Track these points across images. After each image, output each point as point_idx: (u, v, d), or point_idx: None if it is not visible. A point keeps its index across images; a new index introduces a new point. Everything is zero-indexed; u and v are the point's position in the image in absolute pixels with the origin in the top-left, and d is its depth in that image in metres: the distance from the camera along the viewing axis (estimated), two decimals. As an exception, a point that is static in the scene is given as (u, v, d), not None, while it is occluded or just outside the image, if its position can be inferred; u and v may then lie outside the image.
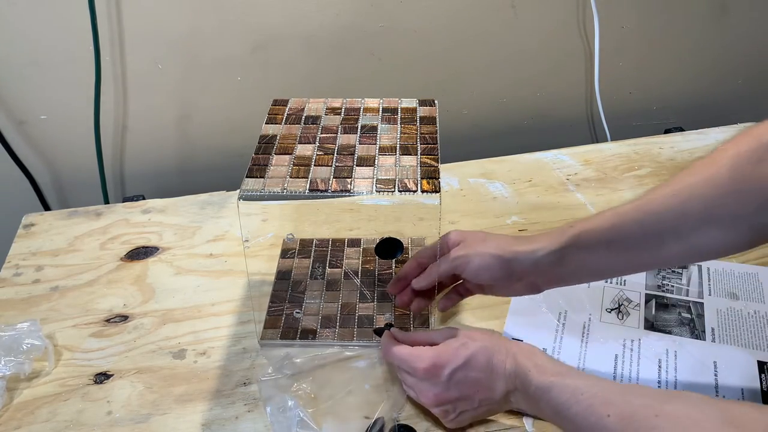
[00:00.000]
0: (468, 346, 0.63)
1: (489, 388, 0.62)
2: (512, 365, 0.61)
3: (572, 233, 0.63)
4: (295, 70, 1.06)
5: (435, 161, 0.68)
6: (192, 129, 1.09)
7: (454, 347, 0.63)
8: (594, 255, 0.63)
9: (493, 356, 0.62)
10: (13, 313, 0.80)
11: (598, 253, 0.63)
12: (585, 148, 1.08)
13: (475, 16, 1.07)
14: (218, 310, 0.81)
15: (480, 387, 0.62)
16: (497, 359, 0.62)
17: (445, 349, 0.63)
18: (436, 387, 0.63)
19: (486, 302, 0.79)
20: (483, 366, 0.62)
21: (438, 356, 0.63)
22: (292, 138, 0.72)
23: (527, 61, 1.14)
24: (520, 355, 0.61)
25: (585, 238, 0.63)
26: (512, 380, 0.61)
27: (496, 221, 0.93)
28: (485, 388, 0.62)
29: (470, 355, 0.62)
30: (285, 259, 0.86)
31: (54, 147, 1.06)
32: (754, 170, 0.56)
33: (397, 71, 1.10)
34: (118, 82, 1.02)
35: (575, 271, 0.65)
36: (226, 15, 0.99)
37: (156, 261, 0.88)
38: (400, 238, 0.86)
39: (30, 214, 0.96)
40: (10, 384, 0.71)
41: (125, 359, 0.75)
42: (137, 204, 0.98)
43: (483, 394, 0.63)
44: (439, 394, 0.63)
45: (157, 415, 0.69)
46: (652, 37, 1.17)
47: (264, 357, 0.74)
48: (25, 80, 0.99)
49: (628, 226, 0.61)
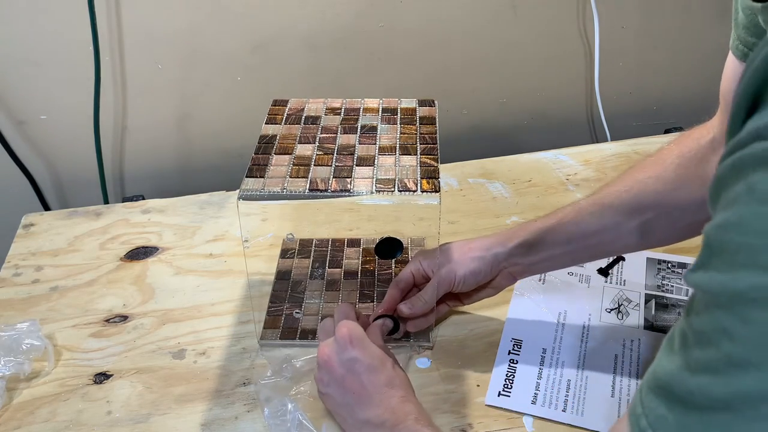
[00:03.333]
0: (385, 360, 0.62)
1: (365, 402, 0.61)
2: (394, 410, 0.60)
3: (537, 227, 0.69)
4: (295, 70, 1.06)
5: (435, 161, 0.68)
6: (192, 129, 1.09)
7: (382, 354, 0.63)
8: (559, 246, 0.69)
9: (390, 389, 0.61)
10: (13, 313, 0.80)
11: (562, 244, 0.69)
12: (585, 148, 1.08)
13: (475, 16, 1.07)
14: (218, 310, 0.81)
15: (359, 394, 0.61)
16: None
17: (378, 344, 0.64)
18: (335, 353, 0.62)
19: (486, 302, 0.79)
20: (377, 384, 0.61)
21: (362, 339, 0.62)
22: (291, 138, 0.72)
23: (527, 61, 1.14)
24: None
25: (550, 231, 0.69)
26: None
27: (496, 221, 0.93)
28: (363, 399, 0.61)
29: (381, 364, 0.62)
30: (285, 259, 0.86)
31: (54, 147, 1.06)
32: (696, 169, 0.63)
33: (397, 71, 1.10)
34: (117, 82, 1.02)
35: (544, 260, 0.70)
36: (226, 15, 0.99)
37: (156, 261, 0.88)
38: (400, 238, 0.87)
39: (30, 214, 0.96)
40: (10, 384, 0.71)
41: (125, 359, 0.75)
42: (137, 204, 0.98)
43: (356, 399, 0.61)
44: (330, 358, 0.62)
45: (156, 415, 0.69)
46: (652, 37, 1.17)
47: (264, 358, 0.74)
48: (25, 80, 0.99)
49: (587, 219, 0.67)
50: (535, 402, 0.69)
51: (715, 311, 0.32)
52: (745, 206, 0.31)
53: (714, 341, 0.32)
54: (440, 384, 0.71)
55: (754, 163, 0.30)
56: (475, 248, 0.71)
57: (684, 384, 0.34)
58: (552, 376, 0.71)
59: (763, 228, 0.30)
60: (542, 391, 0.70)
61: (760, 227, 0.30)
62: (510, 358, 0.73)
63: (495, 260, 0.70)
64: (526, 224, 0.71)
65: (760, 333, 0.30)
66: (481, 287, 0.72)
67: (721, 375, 0.32)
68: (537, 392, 0.70)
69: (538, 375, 0.71)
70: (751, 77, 0.32)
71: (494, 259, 0.70)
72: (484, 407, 0.68)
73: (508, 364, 0.73)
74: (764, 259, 0.30)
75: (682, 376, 0.35)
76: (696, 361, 0.34)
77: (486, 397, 0.69)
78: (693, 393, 0.34)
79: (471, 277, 0.70)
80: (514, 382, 0.70)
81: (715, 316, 0.32)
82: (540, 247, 0.69)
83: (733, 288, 0.31)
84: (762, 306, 0.30)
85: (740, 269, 0.31)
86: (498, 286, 0.73)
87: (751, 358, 0.31)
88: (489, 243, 0.71)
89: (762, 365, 0.30)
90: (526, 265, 0.71)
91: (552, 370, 0.72)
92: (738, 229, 0.31)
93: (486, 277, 0.71)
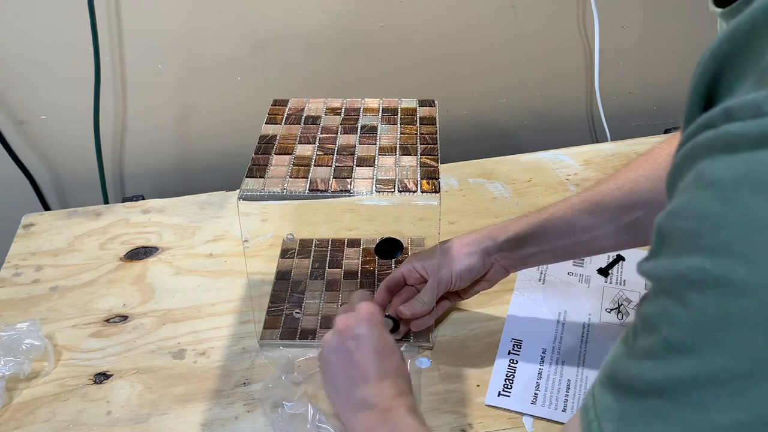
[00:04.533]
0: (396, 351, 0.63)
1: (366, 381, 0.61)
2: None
3: (528, 222, 0.70)
4: (295, 70, 1.06)
5: (435, 161, 0.68)
6: (192, 129, 1.09)
7: (394, 344, 0.63)
8: (549, 242, 0.69)
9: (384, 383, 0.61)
10: (13, 313, 0.80)
11: (552, 239, 0.69)
12: (585, 148, 1.08)
13: (475, 16, 1.07)
14: (218, 310, 0.81)
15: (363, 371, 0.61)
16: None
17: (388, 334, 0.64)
18: (353, 324, 0.62)
19: (486, 302, 0.79)
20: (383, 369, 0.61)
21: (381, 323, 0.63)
22: (292, 138, 0.72)
23: (527, 61, 1.14)
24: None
25: (540, 226, 0.69)
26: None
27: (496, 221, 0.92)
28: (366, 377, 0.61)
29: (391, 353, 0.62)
30: (285, 259, 0.86)
31: (54, 147, 1.06)
32: None
33: (397, 71, 1.10)
34: (117, 82, 1.02)
35: (534, 255, 0.71)
36: (226, 15, 0.99)
37: (156, 261, 0.88)
38: (400, 239, 0.87)
39: (30, 214, 0.96)
40: (10, 384, 0.71)
41: (125, 359, 0.75)
42: (137, 204, 0.98)
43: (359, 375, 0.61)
44: (348, 327, 0.62)
45: (156, 415, 0.69)
46: (652, 37, 1.17)
47: (265, 358, 0.74)
48: (25, 80, 0.99)
49: (577, 216, 0.68)
50: (535, 402, 0.69)
51: (660, 296, 0.32)
52: (691, 192, 0.31)
53: (656, 326, 0.32)
54: (440, 384, 0.71)
55: (702, 150, 0.31)
56: (466, 244, 0.71)
57: (627, 371, 0.34)
58: (552, 376, 0.71)
59: (704, 211, 0.30)
60: (542, 391, 0.70)
61: (701, 211, 0.30)
62: (510, 358, 0.73)
63: (486, 254, 0.71)
64: (518, 219, 0.72)
65: (697, 316, 0.30)
66: (476, 281, 0.73)
67: (660, 360, 0.32)
68: (537, 392, 0.70)
69: (538, 375, 0.71)
70: (701, 72, 0.33)
71: (485, 253, 0.71)
72: (484, 407, 0.68)
73: (508, 364, 0.73)
74: (705, 241, 0.30)
75: (626, 363, 0.35)
76: (640, 347, 0.34)
77: (486, 397, 0.69)
78: (633, 379, 0.33)
79: (466, 274, 0.71)
80: (514, 382, 0.70)
81: (659, 301, 0.33)
82: (530, 242, 0.70)
83: (675, 271, 0.31)
84: (700, 288, 0.30)
85: (683, 253, 0.31)
86: (492, 279, 0.73)
87: (686, 342, 0.31)
88: (480, 237, 0.71)
89: (697, 349, 0.30)
90: (517, 259, 0.71)
91: (552, 370, 0.72)
92: (683, 214, 0.32)
93: (480, 272, 0.71)
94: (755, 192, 0.28)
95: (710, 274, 0.29)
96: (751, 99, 0.29)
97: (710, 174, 0.30)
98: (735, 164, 0.29)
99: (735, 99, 0.30)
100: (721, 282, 0.29)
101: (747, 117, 0.29)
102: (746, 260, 0.28)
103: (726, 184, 0.29)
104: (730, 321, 0.29)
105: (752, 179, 0.28)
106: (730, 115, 0.30)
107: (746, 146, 0.29)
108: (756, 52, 0.30)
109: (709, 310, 0.30)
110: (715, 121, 0.30)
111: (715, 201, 0.30)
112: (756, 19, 0.30)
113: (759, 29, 0.30)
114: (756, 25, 0.30)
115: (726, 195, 0.29)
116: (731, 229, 0.29)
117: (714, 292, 0.29)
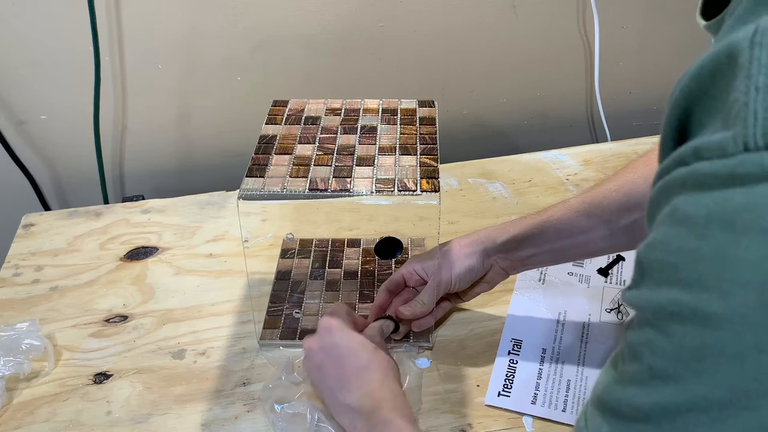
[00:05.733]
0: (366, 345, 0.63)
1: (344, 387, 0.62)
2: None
3: (527, 223, 0.70)
4: (295, 70, 1.06)
5: (434, 161, 0.68)
6: (192, 129, 1.09)
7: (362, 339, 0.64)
8: (547, 243, 0.70)
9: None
10: (13, 313, 0.80)
11: (550, 241, 0.69)
12: (585, 148, 1.08)
13: (475, 16, 1.07)
14: (218, 310, 0.81)
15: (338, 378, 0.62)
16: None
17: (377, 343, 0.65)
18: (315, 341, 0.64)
19: (486, 302, 0.79)
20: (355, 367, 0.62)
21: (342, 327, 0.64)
22: (291, 138, 0.72)
23: (527, 61, 1.14)
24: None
25: (539, 228, 0.69)
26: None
27: (496, 221, 0.92)
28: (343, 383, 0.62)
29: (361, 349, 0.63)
30: (285, 259, 0.86)
31: (54, 147, 1.06)
32: None
33: (397, 71, 1.10)
34: (117, 82, 1.02)
35: (532, 256, 0.71)
36: (226, 15, 0.99)
37: (156, 261, 0.88)
38: (400, 238, 0.87)
39: (30, 214, 0.96)
40: (10, 384, 0.71)
41: (125, 359, 0.75)
42: (137, 204, 0.98)
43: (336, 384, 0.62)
44: (311, 346, 0.64)
45: (156, 415, 0.69)
46: (652, 37, 1.17)
47: (264, 358, 0.74)
48: (25, 80, 0.99)
49: (575, 217, 0.68)
50: (535, 402, 0.69)
51: (644, 326, 0.34)
52: (667, 227, 0.32)
53: (640, 354, 0.34)
54: (440, 384, 0.71)
55: (676, 186, 0.32)
56: (465, 245, 0.71)
57: (614, 395, 0.35)
58: (552, 376, 0.71)
59: (680, 246, 0.31)
60: (542, 391, 0.70)
61: (677, 245, 0.32)
62: (510, 358, 0.73)
63: (485, 255, 0.71)
64: (517, 220, 0.72)
65: (678, 346, 0.31)
66: (476, 283, 0.73)
67: (645, 386, 0.33)
68: (537, 392, 0.70)
69: (538, 375, 0.71)
70: (673, 107, 0.35)
71: (484, 254, 0.71)
72: (484, 407, 0.68)
73: (508, 364, 0.73)
74: (683, 275, 0.31)
75: (614, 388, 0.36)
76: (626, 373, 0.35)
77: (486, 397, 0.69)
78: (621, 403, 0.35)
79: (466, 275, 0.71)
80: (513, 382, 0.70)
81: (643, 331, 0.34)
82: (528, 243, 0.70)
83: (656, 303, 0.33)
84: (680, 320, 0.31)
85: (663, 285, 0.32)
86: (491, 281, 0.74)
87: (669, 371, 0.32)
88: (479, 238, 0.72)
89: (679, 378, 0.31)
90: (515, 261, 0.72)
91: (552, 370, 0.72)
92: (661, 248, 0.33)
93: (479, 273, 0.71)
94: (724, 230, 0.30)
95: (687, 307, 0.31)
96: (718, 140, 0.30)
97: (683, 210, 0.32)
98: (705, 202, 0.30)
99: (704, 137, 0.31)
100: (698, 314, 0.30)
101: (714, 157, 0.30)
102: (719, 294, 0.30)
103: (698, 221, 0.31)
104: (708, 352, 0.30)
105: (721, 217, 0.30)
106: (699, 155, 0.31)
107: (714, 185, 0.30)
108: (722, 92, 0.31)
109: (688, 341, 0.31)
110: (686, 158, 0.32)
111: (689, 236, 0.31)
112: (719, 60, 0.32)
113: (722, 70, 0.31)
114: (719, 66, 0.32)
115: (699, 231, 0.31)
116: (705, 264, 0.30)
117: (692, 324, 0.31)
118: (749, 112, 0.29)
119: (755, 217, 0.29)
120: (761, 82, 0.29)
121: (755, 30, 0.30)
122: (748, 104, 0.29)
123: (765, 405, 0.29)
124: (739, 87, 0.30)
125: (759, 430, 0.29)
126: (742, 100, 0.30)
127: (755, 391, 0.29)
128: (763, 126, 0.29)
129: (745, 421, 0.29)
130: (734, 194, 0.29)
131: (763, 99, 0.29)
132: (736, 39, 0.31)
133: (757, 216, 0.29)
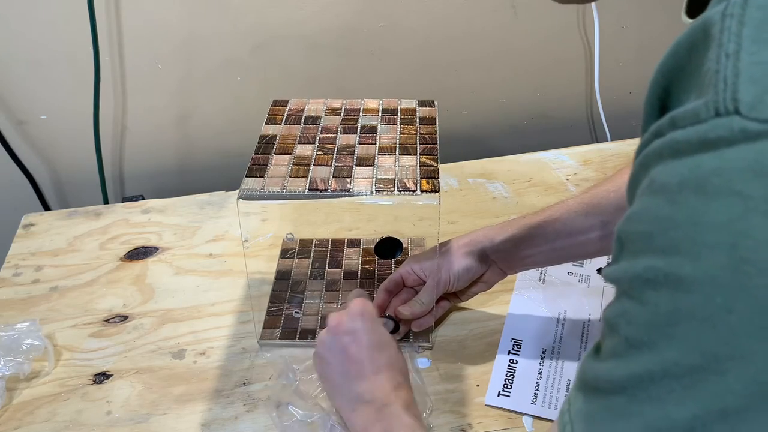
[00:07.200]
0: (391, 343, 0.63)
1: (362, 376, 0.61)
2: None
3: (525, 223, 0.70)
4: (295, 70, 1.06)
5: (434, 161, 0.68)
6: (192, 129, 1.09)
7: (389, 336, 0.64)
8: (545, 244, 0.70)
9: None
10: (13, 313, 0.80)
11: (548, 242, 0.70)
12: (585, 148, 1.08)
13: (475, 16, 1.07)
14: (218, 310, 0.81)
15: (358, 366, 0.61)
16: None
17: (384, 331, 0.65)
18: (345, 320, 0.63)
19: (486, 302, 0.79)
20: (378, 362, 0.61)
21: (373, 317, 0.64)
22: (291, 138, 0.72)
23: (527, 61, 1.14)
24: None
25: (537, 228, 0.69)
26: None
27: (496, 221, 0.91)
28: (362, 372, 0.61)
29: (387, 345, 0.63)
30: (285, 259, 0.86)
31: (54, 147, 1.06)
32: None
33: (397, 71, 1.10)
34: (117, 82, 1.02)
35: (530, 256, 0.71)
36: (226, 15, 0.99)
37: (155, 261, 0.88)
38: (400, 238, 0.87)
39: (30, 214, 0.96)
40: (10, 384, 0.71)
41: (125, 359, 0.75)
42: (137, 204, 0.98)
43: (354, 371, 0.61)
44: (340, 324, 0.63)
45: (156, 415, 0.69)
46: (652, 37, 1.17)
47: (264, 359, 0.74)
48: (25, 80, 0.99)
49: (573, 217, 0.68)
50: (535, 402, 0.69)
51: (621, 298, 0.34)
52: (645, 197, 0.33)
53: (616, 326, 0.34)
54: (440, 384, 0.71)
55: (653, 158, 0.33)
56: (463, 245, 0.71)
57: (593, 371, 0.36)
58: (552, 376, 0.71)
59: (656, 214, 0.32)
60: (542, 391, 0.70)
61: (653, 214, 0.32)
62: (510, 358, 0.73)
63: (483, 254, 0.71)
64: (515, 220, 0.72)
65: (653, 313, 0.31)
66: (474, 282, 0.73)
67: (621, 358, 0.33)
68: (537, 392, 0.70)
69: (537, 375, 0.71)
70: (652, 85, 0.35)
71: (482, 254, 0.71)
72: (483, 407, 0.68)
73: (508, 364, 0.73)
74: (657, 242, 0.31)
75: (592, 365, 0.36)
76: (604, 348, 0.35)
77: (486, 397, 0.69)
78: (598, 379, 0.35)
79: (464, 274, 0.71)
80: (513, 382, 0.70)
81: (620, 303, 0.34)
82: (526, 243, 0.70)
83: (632, 272, 0.33)
84: (655, 286, 0.31)
85: (639, 254, 0.33)
86: (489, 281, 0.74)
87: (643, 339, 0.32)
88: (477, 238, 0.72)
89: (652, 345, 0.31)
90: (514, 261, 0.72)
91: (552, 370, 0.72)
92: (638, 218, 0.33)
93: (477, 272, 0.72)
94: (696, 194, 0.30)
95: (662, 272, 0.31)
96: (692, 108, 0.31)
97: (659, 179, 0.32)
98: (679, 169, 0.31)
99: (680, 108, 0.32)
100: (671, 278, 0.31)
101: (687, 124, 0.31)
102: (691, 257, 0.30)
103: (672, 188, 0.31)
104: (680, 316, 0.30)
105: (694, 182, 0.30)
106: (675, 124, 0.31)
107: (688, 151, 0.30)
108: (698, 66, 0.32)
109: (662, 306, 0.31)
110: (662, 129, 0.32)
111: (664, 204, 0.31)
112: (695, 35, 0.32)
113: (697, 45, 0.32)
114: (695, 41, 0.32)
115: (672, 197, 0.31)
116: (678, 230, 0.30)
117: (666, 289, 0.31)
118: (719, 78, 0.30)
119: (724, 180, 0.29)
120: (731, 49, 0.30)
121: (727, 4, 0.31)
122: (718, 71, 0.30)
123: (732, 368, 0.29)
124: (711, 56, 0.30)
125: (726, 395, 0.29)
126: (713, 68, 0.30)
127: (724, 355, 0.29)
128: (732, 91, 0.29)
129: (714, 386, 0.29)
130: (705, 159, 0.30)
131: (733, 65, 0.29)
132: (710, 14, 0.31)
133: (726, 179, 0.29)
